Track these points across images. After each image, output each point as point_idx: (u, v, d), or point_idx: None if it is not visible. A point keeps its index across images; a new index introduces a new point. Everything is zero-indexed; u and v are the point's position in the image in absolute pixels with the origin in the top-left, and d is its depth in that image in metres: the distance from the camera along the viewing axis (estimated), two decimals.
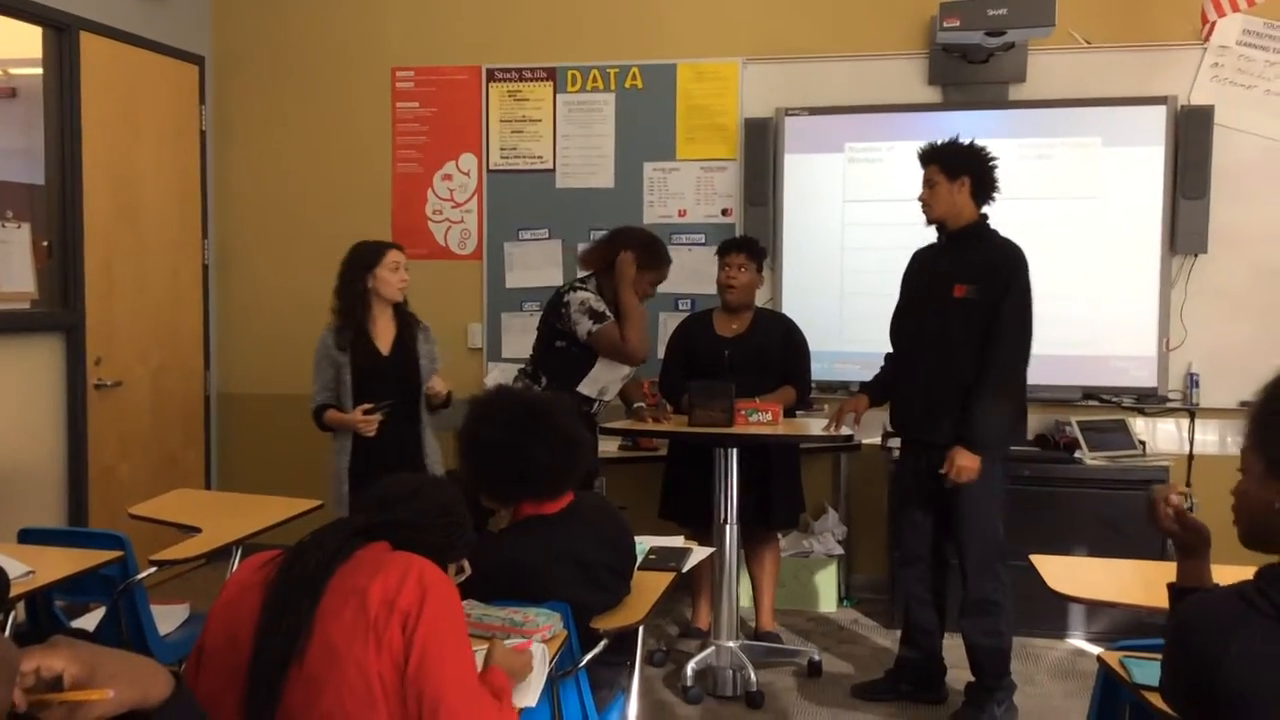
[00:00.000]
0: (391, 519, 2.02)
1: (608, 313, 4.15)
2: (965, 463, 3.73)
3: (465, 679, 1.88)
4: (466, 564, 2.20)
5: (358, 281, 4.07)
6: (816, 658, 4.38)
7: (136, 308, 5.26)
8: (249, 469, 5.84)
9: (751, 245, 4.56)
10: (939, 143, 3.95)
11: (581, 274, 4.43)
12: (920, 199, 3.95)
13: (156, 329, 5.42)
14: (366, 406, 3.97)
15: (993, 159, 3.89)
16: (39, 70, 4.79)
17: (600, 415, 4.40)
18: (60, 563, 3.01)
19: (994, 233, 3.91)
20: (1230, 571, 2.04)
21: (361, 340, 4.07)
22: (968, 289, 3.82)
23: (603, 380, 4.28)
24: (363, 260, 4.10)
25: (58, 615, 3.29)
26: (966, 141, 3.92)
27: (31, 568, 2.84)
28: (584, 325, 4.14)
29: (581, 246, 4.95)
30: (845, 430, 4.07)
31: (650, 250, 4.28)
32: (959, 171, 3.85)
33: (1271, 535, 1.67)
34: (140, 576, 3.19)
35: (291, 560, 1.90)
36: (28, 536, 3.30)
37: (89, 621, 3.35)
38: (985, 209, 3.92)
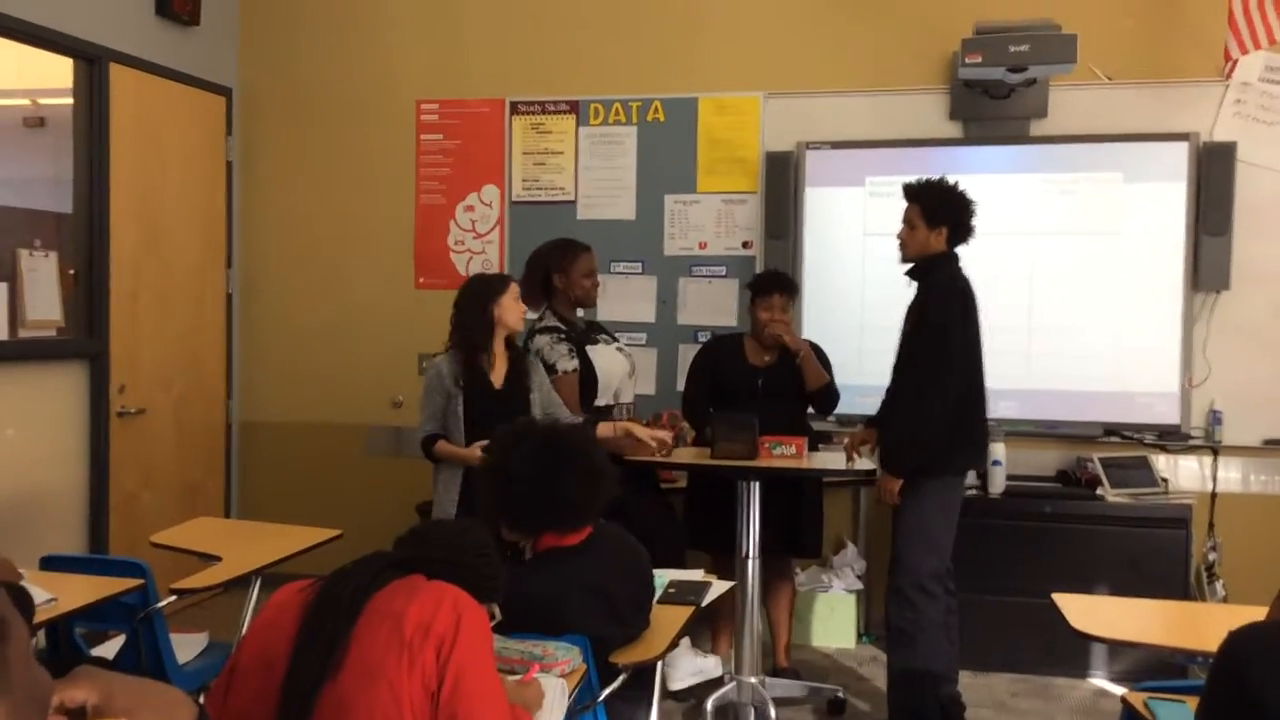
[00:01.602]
0: (429, 555, 2.04)
1: (558, 363, 4.20)
2: (881, 484, 3.84)
3: (497, 706, 1.90)
4: (498, 610, 2.21)
5: (484, 311, 3.96)
6: (840, 695, 4.34)
7: (160, 336, 5.30)
8: (270, 498, 5.86)
9: (788, 284, 4.56)
10: (923, 181, 3.98)
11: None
12: (898, 237, 3.98)
13: (180, 357, 5.45)
14: (485, 444, 3.87)
15: (973, 205, 3.92)
16: (68, 100, 4.86)
17: (628, 415, 4.45)
18: (81, 590, 3.01)
19: (946, 267, 3.91)
20: (1257, 612, 2.02)
21: (476, 373, 3.96)
22: (910, 325, 3.92)
23: (612, 385, 4.34)
24: (488, 288, 4.02)
25: (78, 643, 3.29)
26: (952, 182, 3.95)
27: (53, 595, 2.85)
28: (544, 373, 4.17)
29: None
30: (865, 464, 4.07)
31: (560, 252, 4.38)
32: (940, 220, 3.89)
33: None
34: (160, 605, 3.19)
35: (330, 584, 1.94)
36: (49, 563, 3.31)
37: (109, 649, 3.36)
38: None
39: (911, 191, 3.97)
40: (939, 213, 3.89)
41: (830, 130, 5.29)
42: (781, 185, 5.29)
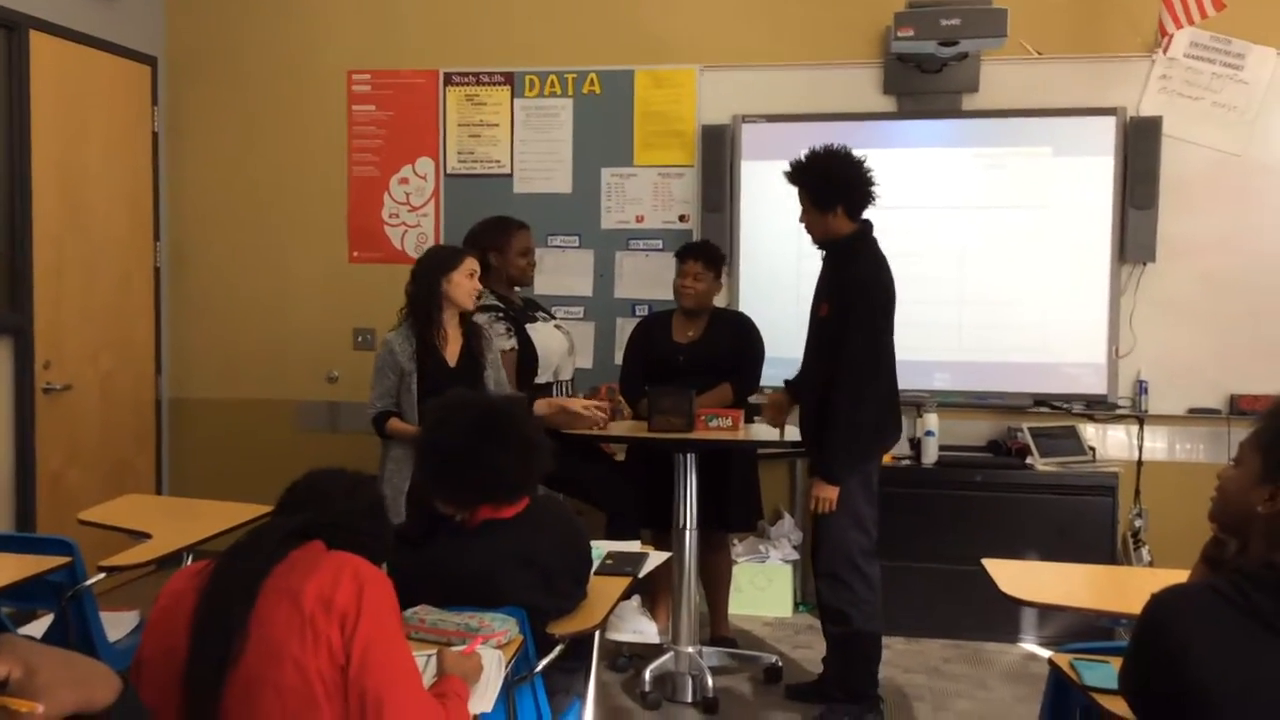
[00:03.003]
0: (326, 520, 2.01)
1: (496, 342, 4.12)
2: (821, 494, 3.81)
3: (408, 676, 1.91)
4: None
5: (433, 286, 3.92)
6: (776, 663, 4.39)
7: (86, 310, 5.18)
8: (201, 475, 5.77)
9: (709, 252, 4.57)
10: (803, 162, 3.84)
11: None
12: (800, 221, 3.93)
13: (107, 332, 5.34)
14: None
15: (861, 170, 3.79)
16: None
17: (567, 393, 4.46)
18: (7, 568, 2.95)
19: (865, 247, 3.85)
20: (1180, 576, 2.07)
21: (429, 349, 3.92)
22: (828, 308, 3.84)
23: (552, 363, 4.35)
24: (439, 262, 3.97)
25: (3, 622, 3.23)
26: (834, 154, 3.81)
27: None
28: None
29: None
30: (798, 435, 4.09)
31: (495, 230, 4.36)
32: (829, 201, 3.80)
33: (1240, 528, 1.74)
34: (89, 583, 3.14)
35: (225, 564, 1.90)
36: None
37: (36, 629, 3.30)
38: (868, 215, 3.89)
39: (792, 176, 3.87)
40: (827, 194, 3.80)
41: (765, 104, 5.31)
42: (718, 158, 5.30)
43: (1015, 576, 3.00)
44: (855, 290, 3.77)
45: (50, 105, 4.92)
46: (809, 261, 5.19)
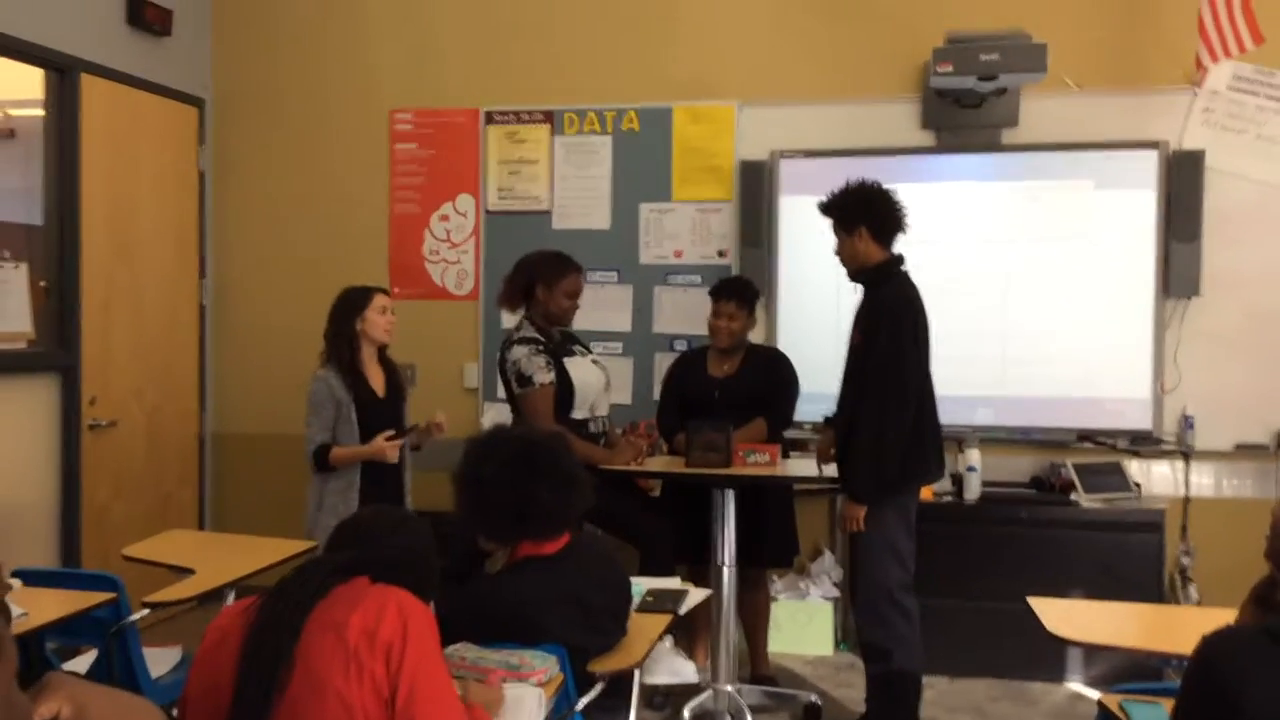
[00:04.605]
0: (371, 557, 2.02)
1: (535, 375, 4.22)
2: (846, 512, 3.82)
3: (455, 708, 1.91)
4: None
5: (347, 325, 4.22)
6: (816, 701, 4.35)
7: (132, 348, 5.26)
8: (243, 510, 5.81)
9: (743, 290, 4.58)
10: (831, 194, 3.95)
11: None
12: (835, 253, 3.99)
13: (152, 369, 5.41)
14: (389, 434, 4.10)
15: (887, 197, 3.88)
16: (39, 111, 4.82)
17: (601, 433, 4.46)
18: (53, 604, 2.98)
19: (893, 276, 3.89)
20: (1229, 615, 2.04)
21: (360, 381, 4.19)
22: (860, 335, 3.87)
23: (589, 397, 4.34)
24: (351, 304, 4.25)
25: (49, 658, 3.26)
26: (857, 184, 3.91)
27: (24, 609, 2.82)
28: (513, 385, 4.27)
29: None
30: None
31: (550, 265, 4.39)
32: (854, 222, 3.87)
33: None
34: (133, 619, 3.16)
35: (271, 600, 1.92)
36: (21, 577, 3.26)
37: (81, 664, 3.32)
38: (898, 249, 3.92)
39: (823, 208, 3.97)
40: (849, 216, 3.88)
41: (804, 139, 5.32)
42: (756, 194, 5.31)
43: (1062, 616, 2.96)
44: (882, 311, 3.80)
45: (99, 145, 5.01)
46: (847, 296, 5.19)
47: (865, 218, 3.86)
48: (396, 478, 4.26)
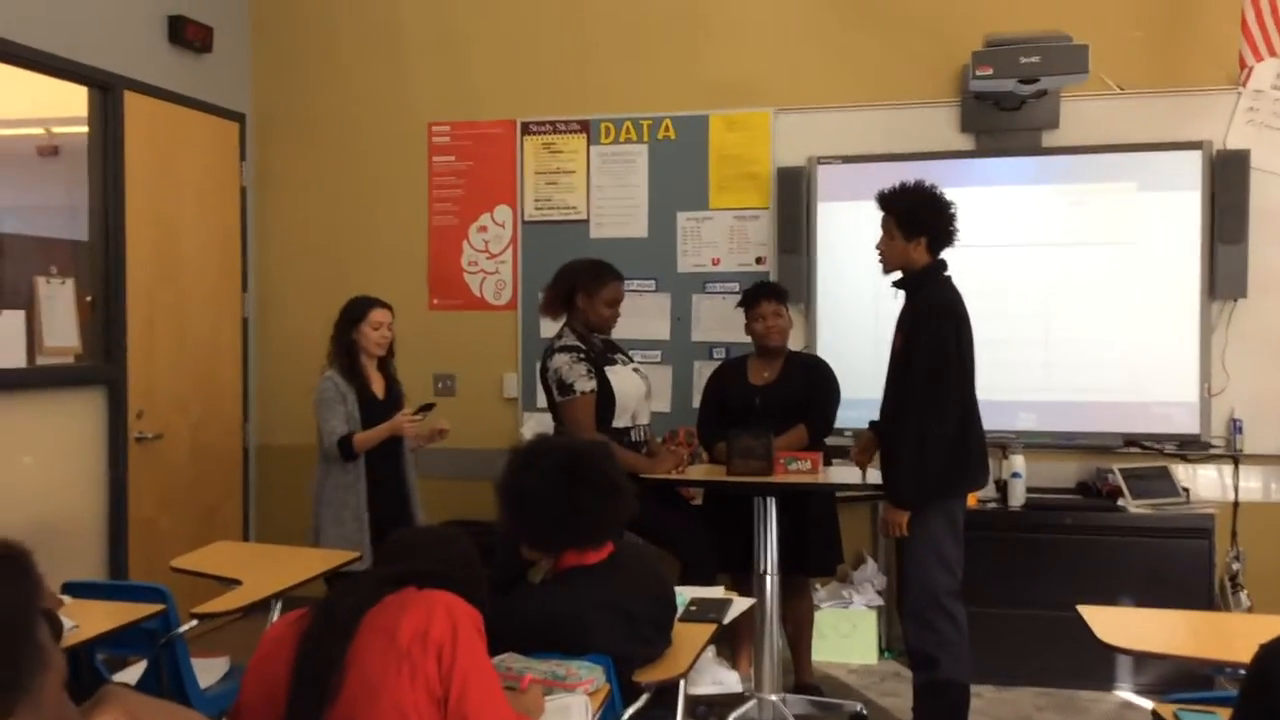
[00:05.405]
0: (420, 569, 2.05)
1: (576, 383, 4.23)
2: (889, 517, 3.79)
3: (504, 706, 1.94)
4: None
5: (346, 334, 4.49)
6: (861, 710, 4.32)
7: (177, 361, 5.32)
8: (287, 521, 5.84)
9: (778, 290, 4.60)
10: (896, 189, 3.88)
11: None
12: (876, 247, 3.93)
13: (197, 382, 5.47)
14: (408, 410, 4.39)
15: (952, 211, 3.82)
16: (83, 128, 4.88)
17: (642, 441, 4.47)
18: (102, 616, 3.01)
19: (935, 280, 3.84)
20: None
21: (362, 383, 4.47)
22: (901, 339, 3.83)
23: (630, 406, 4.33)
24: (350, 315, 4.52)
25: (99, 669, 3.29)
26: (925, 188, 3.85)
27: (74, 622, 2.85)
28: (554, 394, 4.28)
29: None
30: (878, 477, 4.04)
31: (590, 273, 4.42)
32: (917, 230, 3.80)
33: None
34: (181, 630, 3.19)
35: (323, 609, 1.95)
36: (70, 590, 3.30)
37: (130, 675, 3.35)
38: (948, 255, 3.88)
39: (885, 200, 3.89)
40: (915, 223, 3.81)
41: (841, 145, 5.30)
42: (793, 200, 5.29)
43: (1112, 623, 2.92)
44: (925, 313, 3.77)
45: (143, 162, 5.08)
46: (886, 302, 5.16)
47: (931, 230, 3.81)
48: (397, 478, 4.48)
